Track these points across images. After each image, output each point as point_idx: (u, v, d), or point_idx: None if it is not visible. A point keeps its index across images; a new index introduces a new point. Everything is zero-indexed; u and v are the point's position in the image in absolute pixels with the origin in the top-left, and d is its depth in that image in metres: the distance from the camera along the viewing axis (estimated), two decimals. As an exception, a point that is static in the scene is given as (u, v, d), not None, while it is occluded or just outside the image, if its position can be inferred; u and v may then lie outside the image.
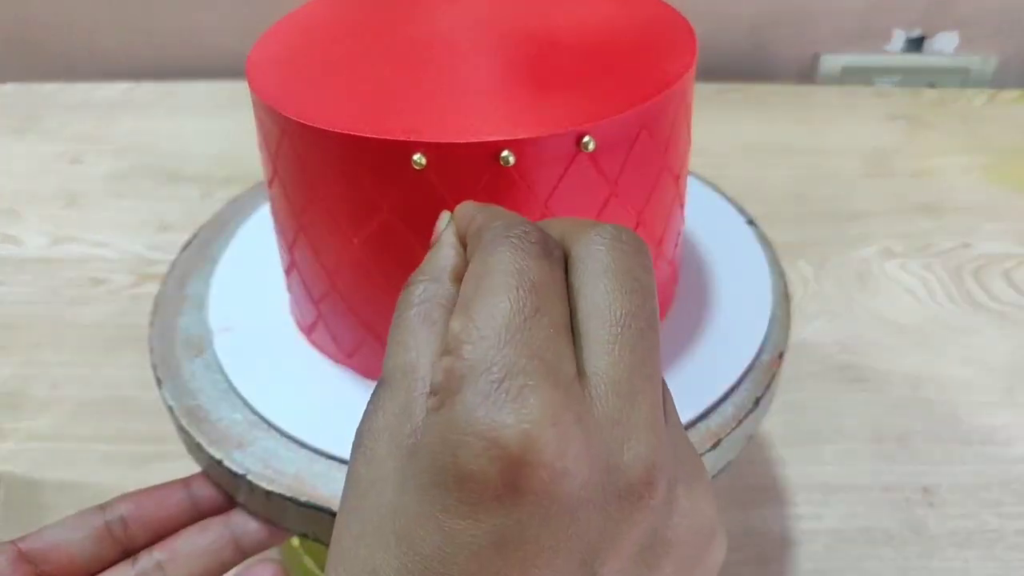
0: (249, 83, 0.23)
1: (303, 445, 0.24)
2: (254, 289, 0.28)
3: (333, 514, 0.22)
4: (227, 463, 0.23)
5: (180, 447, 0.26)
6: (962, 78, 0.65)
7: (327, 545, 0.22)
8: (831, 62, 0.65)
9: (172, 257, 0.31)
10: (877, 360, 0.41)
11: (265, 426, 0.24)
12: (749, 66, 0.65)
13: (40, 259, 0.48)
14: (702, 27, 0.25)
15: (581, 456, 0.13)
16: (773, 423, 0.38)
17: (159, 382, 0.26)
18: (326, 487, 0.23)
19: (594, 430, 0.14)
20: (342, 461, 0.23)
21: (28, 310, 0.44)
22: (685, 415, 0.23)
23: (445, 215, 0.18)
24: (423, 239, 0.20)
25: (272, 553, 0.33)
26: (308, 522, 0.23)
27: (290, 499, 0.22)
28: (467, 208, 0.17)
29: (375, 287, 0.23)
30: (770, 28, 0.64)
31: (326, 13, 0.26)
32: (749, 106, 0.61)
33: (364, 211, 0.21)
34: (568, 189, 0.20)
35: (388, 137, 0.20)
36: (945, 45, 0.64)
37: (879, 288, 0.45)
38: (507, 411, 0.13)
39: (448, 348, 0.14)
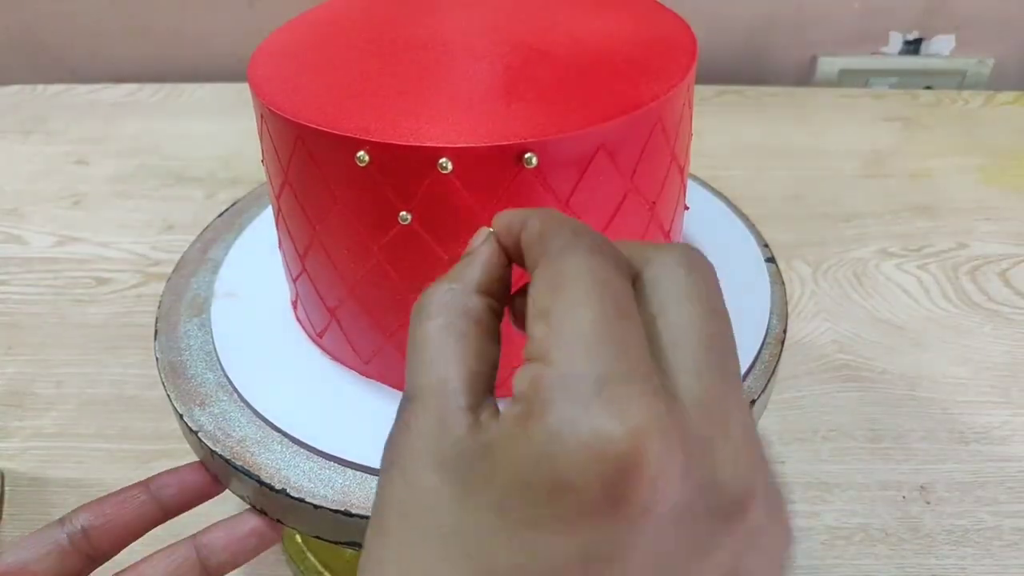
0: (249, 79, 0.23)
1: (256, 413, 0.24)
2: (267, 261, 0.29)
3: (262, 483, 0.23)
4: (186, 418, 0.25)
5: (184, 445, 0.26)
6: (958, 80, 0.65)
7: (306, 534, 0.22)
8: (828, 64, 0.65)
9: (176, 257, 0.31)
10: (874, 359, 0.41)
11: (230, 389, 0.25)
12: (747, 68, 0.66)
13: (45, 259, 0.48)
14: (701, 30, 0.25)
15: (683, 471, 0.13)
16: (771, 421, 0.38)
17: (156, 333, 0.28)
18: (262, 455, 0.23)
19: (694, 446, 0.13)
20: (284, 434, 0.24)
21: (33, 309, 0.45)
22: None
23: (483, 231, 0.17)
24: (374, 233, 0.21)
25: (276, 550, 0.33)
26: (243, 487, 0.24)
27: (228, 461, 0.23)
28: (514, 214, 0.16)
29: (334, 270, 0.23)
30: (768, 31, 0.64)
31: (329, 17, 0.26)
32: (747, 108, 0.61)
33: (323, 201, 0.22)
34: (512, 203, 0.20)
35: (336, 131, 0.20)
36: (942, 47, 0.65)
37: (876, 288, 0.45)
38: (611, 420, 0.12)
39: (531, 355, 0.14)
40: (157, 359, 0.27)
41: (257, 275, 0.29)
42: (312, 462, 0.23)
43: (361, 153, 0.20)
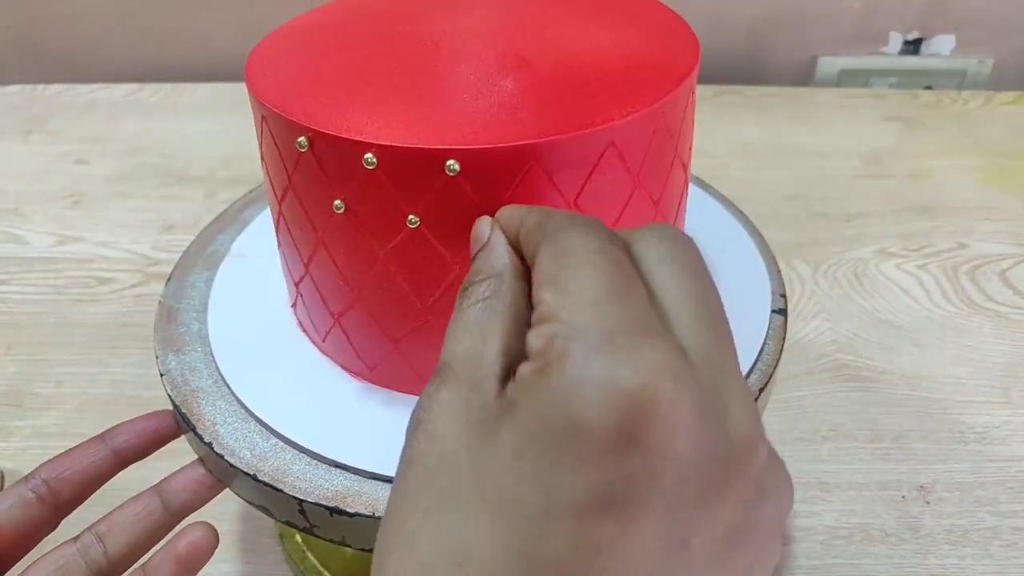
0: (246, 79, 0.23)
1: (217, 367, 0.26)
2: None
3: (196, 433, 0.24)
4: (160, 360, 0.26)
5: (184, 445, 0.26)
6: (958, 80, 0.65)
7: (304, 532, 0.23)
8: (828, 64, 0.65)
9: (176, 257, 0.31)
10: (874, 359, 0.41)
11: (204, 340, 0.27)
12: (747, 68, 0.66)
13: (45, 258, 0.48)
14: (701, 30, 0.25)
15: (694, 415, 0.13)
16: (771, 421, 0.38)
17: (167, 281, 0.29)
18: (206, 408, 0.25)
19: (704, 392, 0.14)
20: (230, 390, 0.25)
21: (33, 309, 0.45)
22: None
23: (485, 220, 0.18)
24: (317, 211, 0.22)
25: (276, 549, 0.33)
26: (191, 440, 0.25)
27: (176, 407, 0.25)
28: (514, 210, 0.18)
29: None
30: (768, 31, 0.64)
31: (329, 18, 0.26)
32: (747, 108, 0.61)
33: (280, 180, 0.23)
34: (437, 205, 0.20)
35: (285, 115, 0.21)
36: (942, 47, 0.65)
37: (876, 288, 0.45)
38: (624, 363, 0.13)
39: (542, 318, 0.14)
40: (160, 303, 0.28)
41: (271, 238, 0.30)
42: (246, 424, 0.24)
43: (301, 139, 0.21)
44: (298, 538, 0.33)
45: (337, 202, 0.21)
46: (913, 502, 0.34)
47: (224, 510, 0.35)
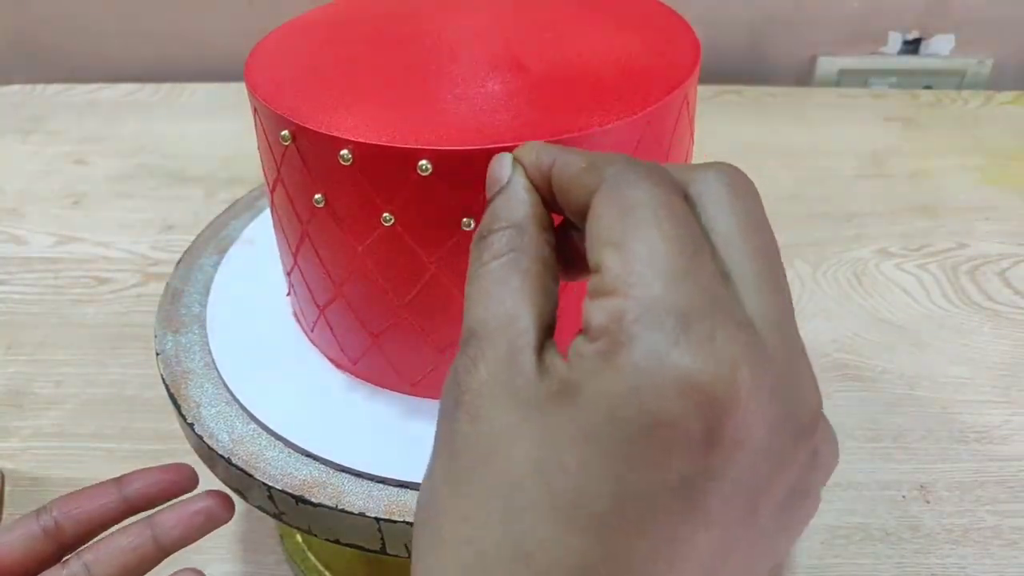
0: (246, 78, 0.23)
1: (207, 344, 0.26)
2: None
3: (180, 412, 0.24)
4: (158, 339, 0.27)
5: (183, 445, 0.26)
6: (958, 80, 0.66)
7: (308, 532, 0.23)
8: (828, 64, 0.65)
9: (176, 257, 0.32)
10: (874, 359, 0.41)
11: (203, 322, 0.27)
12: (747, 68, 0.66)
13: (45, 258, 0.48)
14: (701, 30, 0.25)
15: (771, 399, 0.13)
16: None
17: (177, 264, 0.30)
18: (194, 391, 0.25)
19: (777, 372, 0.13)
20: (219, 374, 0.25)
21: (33, 309, 0.45)
22: None
23: (505, 158, 0.16)
24: (303, 203, 0.22)
25: (277, 549, 0.33)
26: (178, 420, 0.25)
27: (167, 386, 0.25)
28: (544, 149, 0.16)
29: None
30: (767, 31, 0.64)
31: (327, 19, 0.26)
32: (747, 108, 0.61)
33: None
34: (410, 204, 0.21)
35: (270, 107, 0.22)
36: (941, 47, 0.65)
37: (876, 288, 0.45)
38: (703, 358, 0.12)
39: (605, 288, 0.13)
40: (167, 283, 0.29)
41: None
42: (230, 407, 0.24)
43: (284, 132, 0.22)
44: (298, 538, 0.33)
45: (317, 196, 0.22)
46: (913, 501, 0.34)
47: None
